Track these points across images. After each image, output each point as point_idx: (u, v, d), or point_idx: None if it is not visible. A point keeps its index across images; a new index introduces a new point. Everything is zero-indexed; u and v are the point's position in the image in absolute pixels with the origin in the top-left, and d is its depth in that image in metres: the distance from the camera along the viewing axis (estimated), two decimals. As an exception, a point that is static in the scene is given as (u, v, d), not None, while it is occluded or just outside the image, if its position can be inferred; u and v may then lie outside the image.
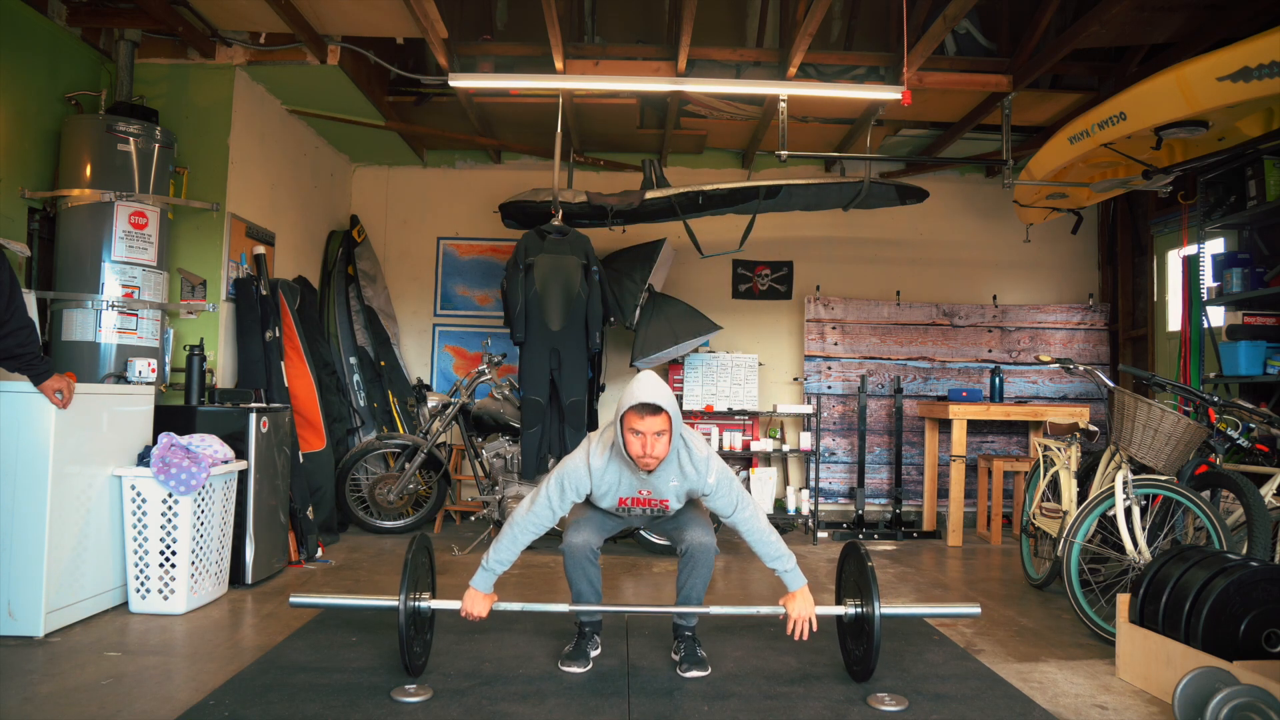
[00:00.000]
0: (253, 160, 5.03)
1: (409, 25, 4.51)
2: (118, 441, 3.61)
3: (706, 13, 5.17)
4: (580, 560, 2.91)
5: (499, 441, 5.33)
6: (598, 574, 2.98)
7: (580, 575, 2.94)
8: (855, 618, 2.83)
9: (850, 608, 2.84)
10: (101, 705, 2.53)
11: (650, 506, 2.89)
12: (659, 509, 2.91)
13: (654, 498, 2.86)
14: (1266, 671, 2.40)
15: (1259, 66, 3.29)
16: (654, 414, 2.66)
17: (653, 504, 2.89)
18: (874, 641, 2.68)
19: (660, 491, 2.85)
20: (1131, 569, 3.43)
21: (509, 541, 2.83)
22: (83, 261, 4.01)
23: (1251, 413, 3.71)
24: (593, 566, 2.95)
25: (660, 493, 2.85)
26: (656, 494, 2.85)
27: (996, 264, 6.87)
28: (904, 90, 4.47)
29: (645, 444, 2.68)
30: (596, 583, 2.97)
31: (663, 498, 2.86)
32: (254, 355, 4.77)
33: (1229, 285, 5.05)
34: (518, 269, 5.12)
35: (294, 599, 2.88)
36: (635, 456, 2.71)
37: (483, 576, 2.82)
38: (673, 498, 2.86)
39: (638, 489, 2.85)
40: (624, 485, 2.85)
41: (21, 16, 3.99)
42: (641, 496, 2.87)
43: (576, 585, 2.96)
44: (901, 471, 6.22)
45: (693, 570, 2.93)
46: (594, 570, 2.95)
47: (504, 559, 2.82)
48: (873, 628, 2.68)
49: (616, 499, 2.87)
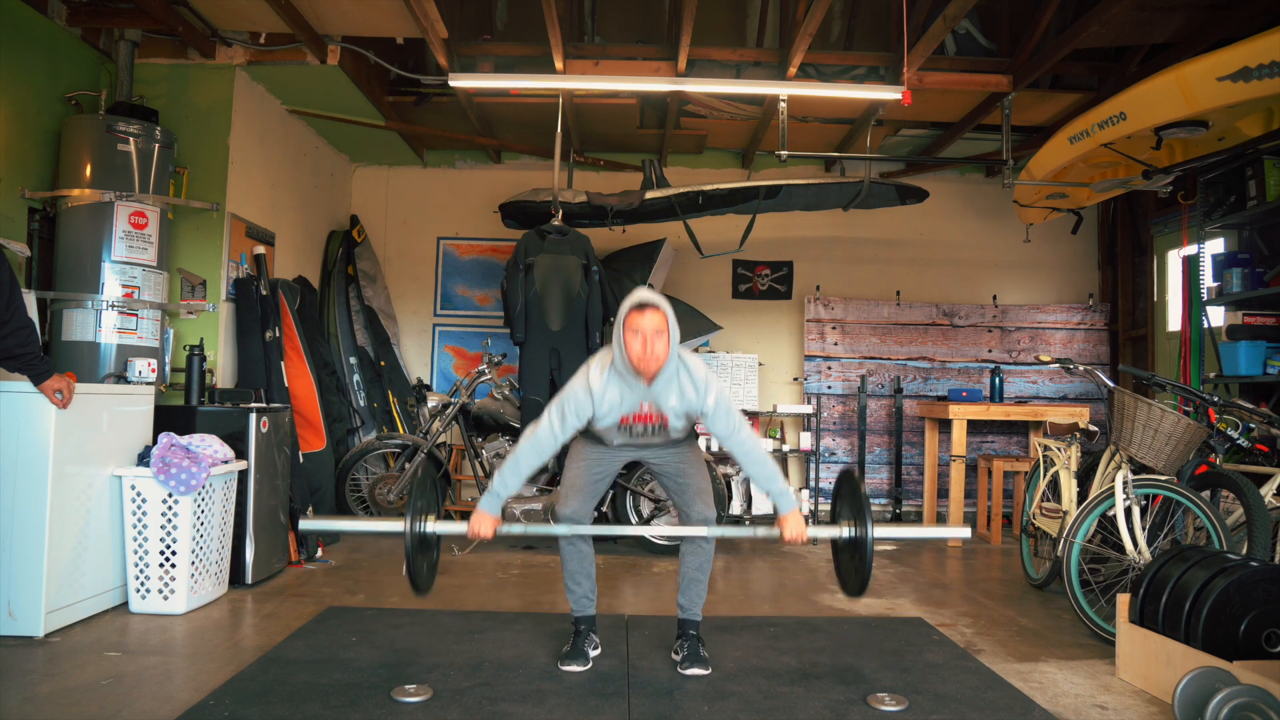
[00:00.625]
0: (253, 160, 5.03)
1: (409, 25, 4.51)
2: (118, 441, 3.61)
3: (706, 13, 5.17)
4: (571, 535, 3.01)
5: (499, 441, 5.33)
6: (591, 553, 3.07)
7: (573, 553, 3.04)
8: (849, 540, 2.91)
9: (845, 530, 2.91)
10: (101, 705, 2.53)
11: (650, 422, 2.89)
12: (658, 425, 2.89)
13: (654, 412, 2.87)
14: (1266, 671, 2.40)
15: (1259, 66, 3.29)
16: (654, 310, 2.71)
17: (653, 419, 2.88)
18: (867, 560, 2.79)
19: (661, 406, 2.85)
20: (1131, 569, 3.43)
21: (512, 468, 2.87)
22: (83, 261, 4.01)
23: (1251, 413, 3.71)
24: (584, 543, 3.05)
25: (661, 408, 2.85)
26: (657, 408, 2.86)
27: (996, 264, 6.88)
28: (904, 90, 4.47)
29: (645, 343, 2.69)
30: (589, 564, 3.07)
31: (663, 413, 2.86)
32: (254, 355, 4.77)
33: (1229, 285, 5.04)
34: (518, 269, 5.12)
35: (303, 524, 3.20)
36: (635, 359, 2.72)
37: (489, 500, 2.88)
38: (672, 416, 2.86)
39: (639, 403, 2.85)
40: (625, 403, 2.84)
41: (21, 16, 3.99)
42: (643, 411, 2.87)
43: (568, 563, 3.05)
44: (901, 471, 6.22)
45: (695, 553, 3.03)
46: (586, 547, 3.06)
47: (509, 484, 2.88)
48: (865, 548, 2.78)
49: (618, 417, 2.86)
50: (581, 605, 3.09)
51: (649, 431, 2.94)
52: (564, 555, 3.06)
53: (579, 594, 3.08)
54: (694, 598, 3.05)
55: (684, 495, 3.03)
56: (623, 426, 2.91)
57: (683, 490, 3.04)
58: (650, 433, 2.94)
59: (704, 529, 2.95)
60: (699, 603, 3.05)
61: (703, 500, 3.00)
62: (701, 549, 3.03)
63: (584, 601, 3.09)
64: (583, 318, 5.10)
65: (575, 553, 3.05)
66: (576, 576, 3.06)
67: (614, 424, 2.89)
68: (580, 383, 2.85)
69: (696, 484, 3.03)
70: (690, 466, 3.04)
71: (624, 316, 2.75)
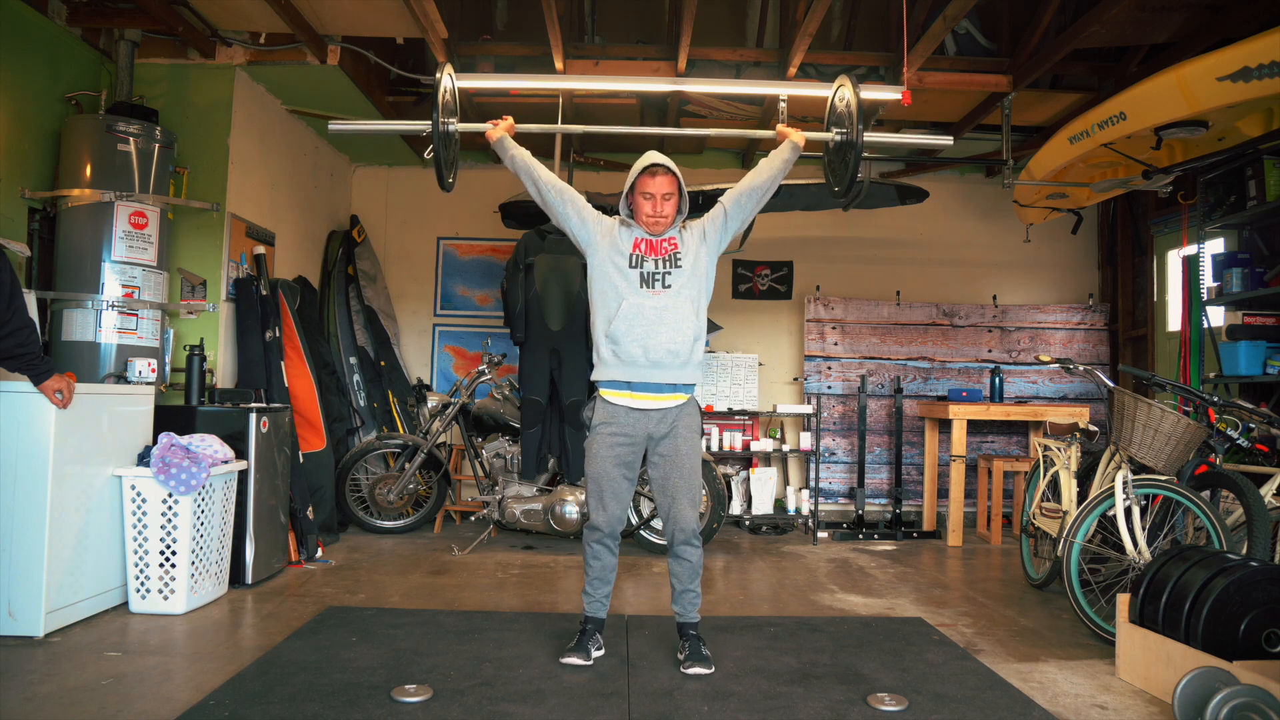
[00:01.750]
0: (253, 160, 5.03)
1: (409, 25, 4.51)
2: (118, 441, 3.61)
3: (706, 13, 5.17)
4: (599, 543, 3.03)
5: (499, 441, 5.33)
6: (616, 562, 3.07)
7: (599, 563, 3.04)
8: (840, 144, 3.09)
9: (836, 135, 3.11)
10: (101, 705, 2.53)
11: (661, 255, 2.93)
12: (670, 252, 2.93)
13: (663, 238, 2.94)
14: (1266, 671, 2.40)
15: (1259, 66, 3.29)
16: (665, 174, 2.86)
17: (663, 248, 2.94)
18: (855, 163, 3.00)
19: (669, 235, 2.95)
20: (1131, 569, 3.43)
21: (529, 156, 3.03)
22: (83, 261, 4.01)
23: (1251, 413, 3.71)
24: (612, 552, 3.05)
25: (669, 236, 2.95)
26: (665, 234, 2.94)
27: (996, 264, 6.88)
28: (904, 90, 4.47)
29: (655, 205, 2.86)
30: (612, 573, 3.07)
31: (670, 237, 2.95)
32: (254, 355, 4.77)
33: (1229, 285, 5.05)
34: (518, 269, 5.12)
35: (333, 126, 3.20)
36: (646, 219, 2.87)
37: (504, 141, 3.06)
38: (680, 240, 2.95)
39: (648, 235, 2.94)
40: (635, 232, 2.95)
41: (21, 16, 3.99)
42: (653, 241, 2.94)
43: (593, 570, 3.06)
44: (901, 471, 6.21)
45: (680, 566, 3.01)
46: (613, 557, 3.06)
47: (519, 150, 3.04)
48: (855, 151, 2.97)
49: (631, 242, 2.93)
50: (594, 608, 3.09)
51: (660, 264, 2.92)
52: (589, 561, 3.05)
53: (595, 597, 3.08)
54: (687, 605, 3.04)
55: (671, 500, 2.97)
56: (634, 254, 2.92)
57: (671, 495, 2.97)
58: (663, 266, 2.92)
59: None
60: (693, 609, 3.04)
61: (683, 504, 2.95)
62: (687, 561, 2.99)
63: (597, 605, 3.09)
64: (583, 318, 5.09)
65: (601, 563, 3.05)
66: (597, 583, 3.07)
67: (626, 251, 2.92)
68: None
69: (681, 485, 2.96)
70: (684, 472, 2.97)
71: (634, 179, 2.88)
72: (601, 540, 3.02)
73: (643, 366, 2.91)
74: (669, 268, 2.90)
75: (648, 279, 2.89)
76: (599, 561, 3.04)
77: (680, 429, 2.97)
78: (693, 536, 2.96)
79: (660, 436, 2.97)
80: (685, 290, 2.91)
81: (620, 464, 2.98)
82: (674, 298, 2.89)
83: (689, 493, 2.96)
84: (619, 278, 2.92)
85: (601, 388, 2.99)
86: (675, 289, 2.90)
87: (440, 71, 3.06)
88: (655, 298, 2.89)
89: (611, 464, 2.97)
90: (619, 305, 2.89)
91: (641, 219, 2.86)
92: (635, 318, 2.87)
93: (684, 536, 2.96)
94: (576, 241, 3.04)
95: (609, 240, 2.96)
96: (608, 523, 2.99)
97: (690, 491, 2.96)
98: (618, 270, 2.92)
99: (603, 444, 2.97)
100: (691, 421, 3.00)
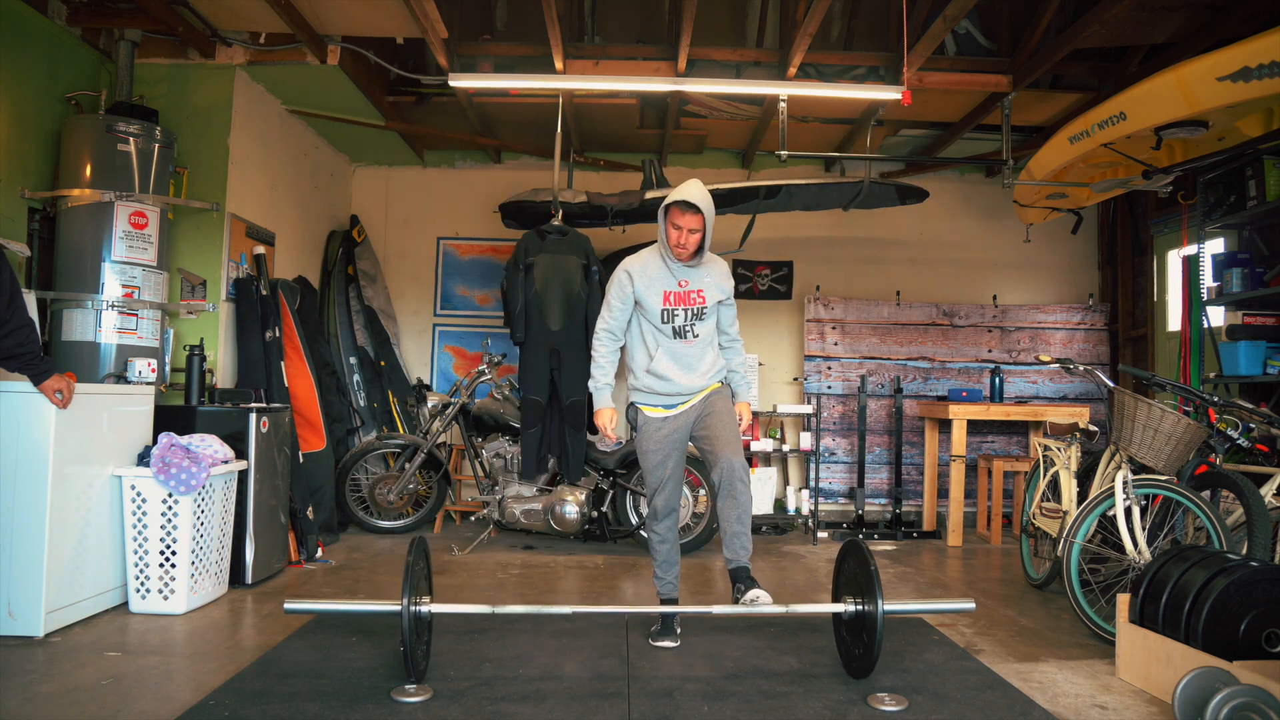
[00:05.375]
0: (253, 160, 5.03)
1: (409, 25, 4.51)
2: (118, 441, 3.61)
3: (706, 13, 5.16)
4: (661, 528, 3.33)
5: (499, 441, 5.33)
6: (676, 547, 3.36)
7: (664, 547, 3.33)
8: (856, 615, 2.83)
9: (850, 605, 2.84)
10: (101, 705, 2.53)
11: (690, 306, 3.25)
12: (699, 306, 3.25)
13: (692, 289, 3.25)
14: (1266, 671, 2.40)
15: (1259, 66, 3.29)
16: (694, 213, 3.12)
17: (691, 299, 3.25)
18: (876, 638, 2.68)
19: (696, 281, 3.25)
20: (1131, 569, 3.43)
21: (600, 356, 3.31)
22: (83, 261, 4.01)
23: (1251, 413, 3.70)
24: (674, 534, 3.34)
25: (696, 283, 3.25)
26: (694, 283, 3.25)
27: (996, 264, 6.87)
28: (904, 90, 4.47)
29: (681, 237, 3.15)
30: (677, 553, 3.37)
31: (699, 288, 3.25)
32: (254, 355, 4.77)
33: (1229, 285, 5.04)
34: (518, 269, 5.12)
35: (289, 605, 2.77)
36: (672, 244, 3.17)
37: (600, 395, 3.31)
38: (707, 290, 3.27)
39: (677, 281, 3.24)
40: (664, 278, 3.24)
41: (21, 16, 3.99)
42: (681, 290, 3.24)
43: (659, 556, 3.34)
44: (901, 471, 6.21)
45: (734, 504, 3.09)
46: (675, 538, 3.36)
47: (606, 371, 3.31)
48: (875, 625, 2.68)
49: (661, 295, 3.23)
50: (669, 589, 3.36)
51: (689, 317, 3.25)
52: (655, 547, 3.34)
53: (666, 580, 3.35)
54: (739, 550, 3.08)
55: (713, 445, 3.18)
56: (665, 309, 3.23)
57: (712, 441, 3.19)
58: (690, 320, 3.25)
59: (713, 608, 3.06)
60: (745, 553, 3.08)
61: (730, 449, 3.13)
62: (736, 498, 3.09)
63: (670, 586, 3.36)
64: (583, 318, 5.09)
65: (667, 546, 3.34)
66: (665, 564, 3.35)
67: (658, 307, 3.23)
68: (617, 273, 3.30)
69: (725, 435, 3.18)
70: (721, 421, 3.22)
71: (669, 205, 3.15)
72: (663, 524, 3.32)
73: (677, 394, 3.30)
74: (694, 320, 3.27)
75: (680, 332, 3.27)
76: (665, 545, 3.34)
77: (714, 400, 3.31)
78: (744, 474, 3.12)
79: (699, 415, 3.29)
80: (707, 337, 3.32)
81: (670, 450, 3.28)
82: (702, 346, 3.31)
83: (734, 440, 3.17)
84: (654, 330, 3.29)
85: (641, 404, 3.33)
86: (702, 338, 3.30)
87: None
88: (686, 347, 3.28)
89: (662, 454, 3.27)
90: (656, 349, 3.28)
91: (670, 241, 3.19)
92: (673, 361, 3.27)
93: (736, 475, 3.09)
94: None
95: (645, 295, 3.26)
96: (669, 505, 3.30)
97: (734, 440, 3.18)
98: (652, 325, 3.29)
99: (650, 439, 3.30)
100: (723, 395, 3.36)
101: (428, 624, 2.91)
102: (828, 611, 2.89)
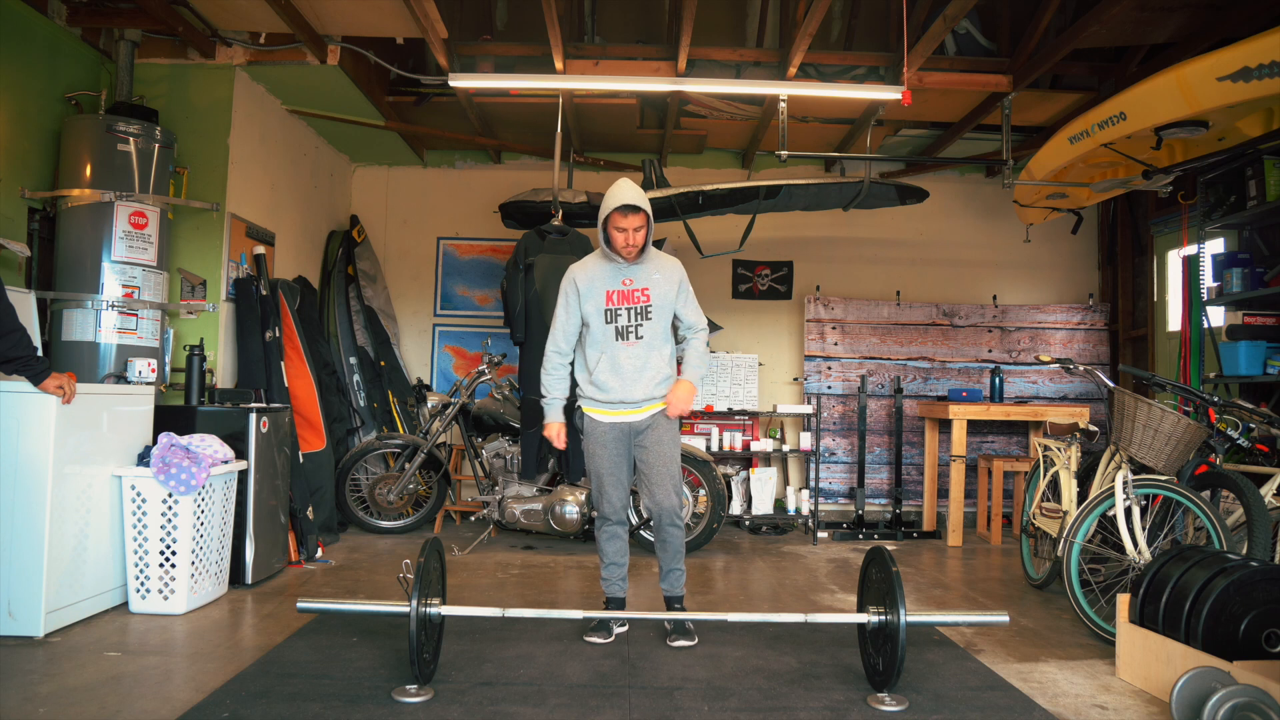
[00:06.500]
0: (253, 160, 5.03)
1: (409, 25, 4.51)
2: (118, 441, 3.61)
3: (706, 13, 5.17)
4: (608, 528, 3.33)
5: (499, 441, 5.33)
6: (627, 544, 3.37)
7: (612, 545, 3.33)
8: (878, 625, 2.73)
9: (873, 615, 2.75)
10: (101, 705, 2.53)
11: (634, 305, 3.21)
12: (643, 305, 3.21)
13: (636, 287, 3.21)
14: (1266, 671, 2.40)
15: (1259, 66, 3.29)
16: (635, 214, 3.12)
17: (635, 298, 3.21)
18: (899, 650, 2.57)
19: (642, 279, 3.22)
20: (1131, 569, 3.43)
21: (550, 379, 3.31)
22: (83, 261, 4.01)
23: (1251, 413, 3.70)
24: (623, 533, 3.34)
25: (642, 280, 3.22)
26: (639, 281, 3.22)
27: (996, 264, 6.88)
28: (904, 90, 4.47)
29: (628, 238, 3.15)
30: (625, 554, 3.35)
31: (645, 285, 3.22)
32: (254, 355, 4.77)
33: (1229, 285, 5.05)
34: (518, 269, 5.12)
35: (302, 604, 2.74)
36: (620, 248, 3.17)
37: (552, 410, 3.33)
38: (654, 287, 3.22)
39: (621, 280, 3.21)
40: (608, 277, 3.22)
41: (21, 16, 3.99)
42: (625, 289, 3.21)
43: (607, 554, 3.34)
44: (901, 471, 6.22)
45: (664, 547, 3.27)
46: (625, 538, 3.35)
47: (556, 388, 3.32)
48: (897, 635, 2.57)
49: (604, 295, 3.20)
50: (612, 589, 3.36)
51: (633, 316, 3.20)
52: (602, 546, 3.34)
53: (613, 579, 3.35)
54: (674, 582, 3.29)
55: (647, 481, 3.22)
56: (607, 309, 3.20)
57: (646, 475, 3.23)
58: (635, 319, 3.20)
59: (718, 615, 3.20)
60: (679, 585, 3.30)
61: (662, 490, 3.17)
62: (669, 543, 3.23)
63: (616, 586, 3.35)
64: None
65: (613, 546, 3.34)
66: (612, 566, 3.34)
67: (600, 308, 3.20)
68: (563, 283, 3.29)
69: (659, 469, 3.20)
70: (658, 453, 3.21)
71: (607, 215, 3.13)
72: (609, 525, 3.32)
73: (619, 400, 3.25)
74: (640, 320, 3.21)
75: (623, 333, 3.21)
76: (611, 545, 3.33)
77: (657, 422, 3.26)
78: (675, 517, 3.20)
79: (641, 429, 3.27)
80: (655, 339, 3.24)
81: (613, 454, 3.27)
82: (646, 349, 3.23)
83: (670, 478, 3.20)
84: (598, 331, 3.24)
85: (584, 405, 3.32)
86: (647, 340, 3.23)
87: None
88: (630, 348, 3.21)
89: (604, 457, 3.27)
90: (599, 357, 3.23)
91: (616, 247, 3.18)
92: (613, 372, 3.21)
93: (668, 518, 3.20)
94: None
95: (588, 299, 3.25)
96: (611, 508, 3.29)
97: (667, 476, 3.20)
98: (596, 324, 3.24)
99: (595, 442, 3.30)
100: (670, 422, 3.30)
101: (438, 626, 2.88)
102: (851, 621, 2.85)
